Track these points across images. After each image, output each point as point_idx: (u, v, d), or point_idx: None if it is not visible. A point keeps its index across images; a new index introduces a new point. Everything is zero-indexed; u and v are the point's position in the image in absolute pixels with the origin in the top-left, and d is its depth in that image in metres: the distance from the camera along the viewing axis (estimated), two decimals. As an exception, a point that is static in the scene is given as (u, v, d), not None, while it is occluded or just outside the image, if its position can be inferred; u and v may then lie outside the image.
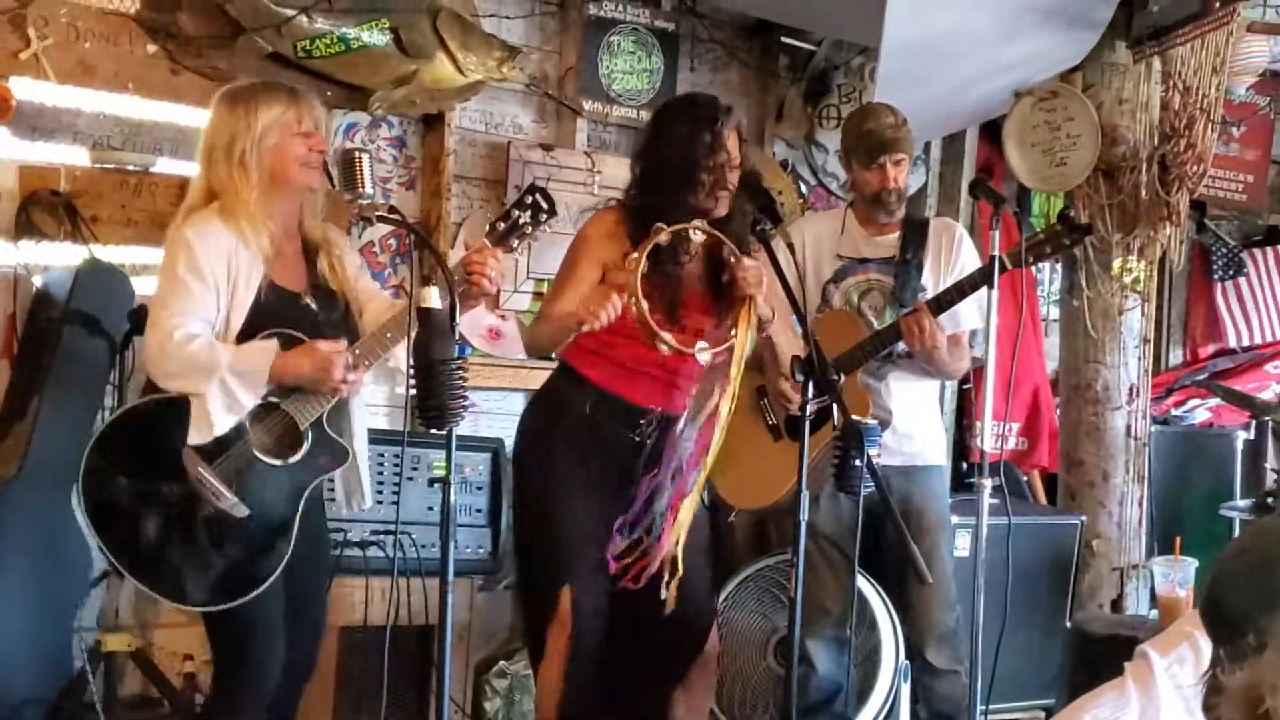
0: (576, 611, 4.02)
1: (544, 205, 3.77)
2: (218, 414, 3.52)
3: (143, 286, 4.66)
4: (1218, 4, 5.40)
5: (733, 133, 4.11)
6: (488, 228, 3.82)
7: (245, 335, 3.63)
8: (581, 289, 4.06)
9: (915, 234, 4.78)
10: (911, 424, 4.75)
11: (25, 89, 4.69)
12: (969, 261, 4.79)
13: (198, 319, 3.58)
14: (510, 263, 5.70)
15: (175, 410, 3.56)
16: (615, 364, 4.12)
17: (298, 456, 3.68)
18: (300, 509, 3.68)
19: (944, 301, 4.47)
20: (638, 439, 4.11)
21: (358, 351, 3.66)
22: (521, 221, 3.75)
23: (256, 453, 3.63)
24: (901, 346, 4.55)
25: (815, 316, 4.65)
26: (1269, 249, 8.59)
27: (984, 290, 4.28)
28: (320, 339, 3.67)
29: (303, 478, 3.70)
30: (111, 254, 4.80)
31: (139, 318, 4.33)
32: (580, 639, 4.04)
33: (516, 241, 3.79)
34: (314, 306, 3.79)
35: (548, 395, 4.32)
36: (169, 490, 3.59)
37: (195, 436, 3.53)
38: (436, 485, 3.36)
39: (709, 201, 4.06)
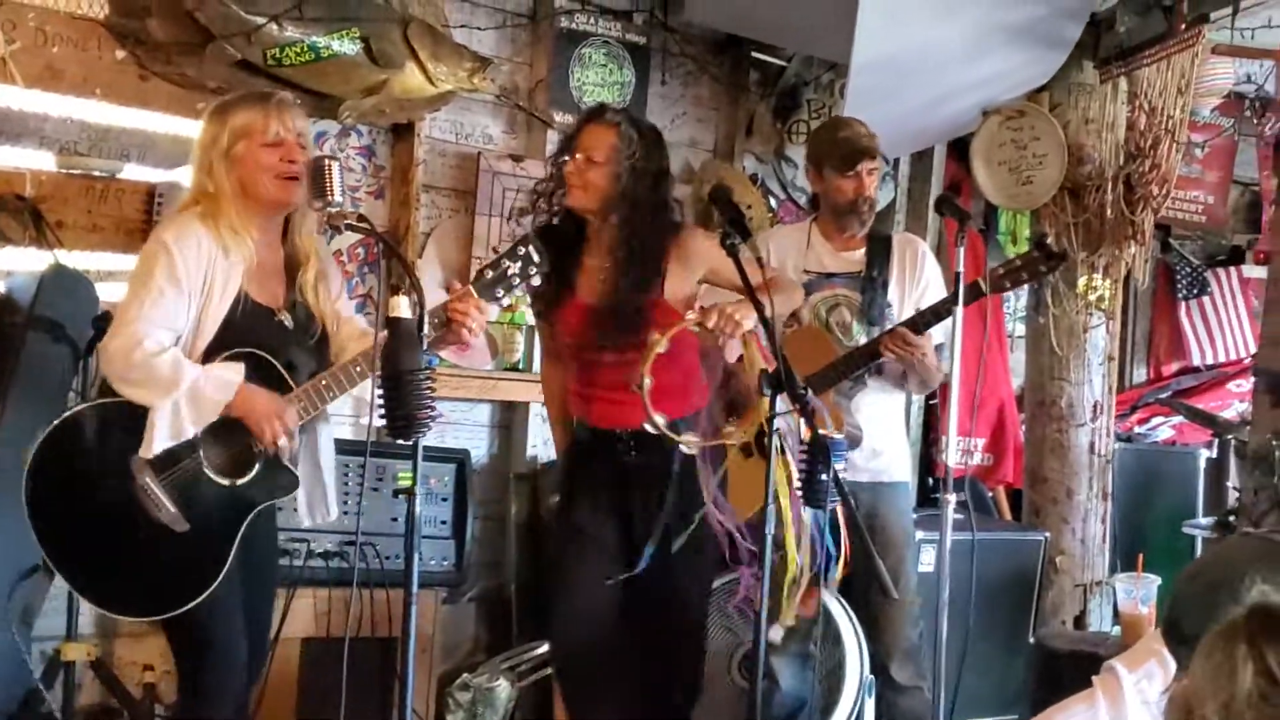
0: (564, 628, 4.15)
1: (535, 259, 3.70)
2: (160, 434, 3.50)
3: (108, 293, 4.63)
4: (1184, 25, 5.44)
5: (597, 127, 4.17)
6: (474, 274, 3.76)
7: (214, 345, 3.60)
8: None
9: (880, 250, 4.78)
10: (879, 440, 4.75)
11: (-8, 93, 4.68)
12: (933, 277, 4.81)
13: (167, 328, 3.55)
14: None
15: (127, 415, 3.52)
16: (578, 395, 4.30)
17: (246, 479, 3.63)
18: (242, 530, 3.63)
19: (920, 324, 4.47)
20: (625, 459, 4.19)
21: (299, 397, 3.64)
22: (510, 273, 3.68)
23: (206, 470, 3.59)
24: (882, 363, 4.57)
25: (784, 332, 4.65)
26: (1232, 269, 8.66)
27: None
28: (289, 360, 3.67)
29: (249, 500, 3.65)
30: (76, 260, 4.77)
31: (104, 324, 4.29)
32: (568, 657, 4.11)
33: (502, 293, 3.71)
34: (288, 325, 3.76)
35: None
36: (113, 495, 3.54)
37: (143, 450, 3.50)
38: (401, 496, 3.34)
39: (567, 194, 4.20)
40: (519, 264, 3.69)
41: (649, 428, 3.77)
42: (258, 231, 3.71)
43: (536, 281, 3.73)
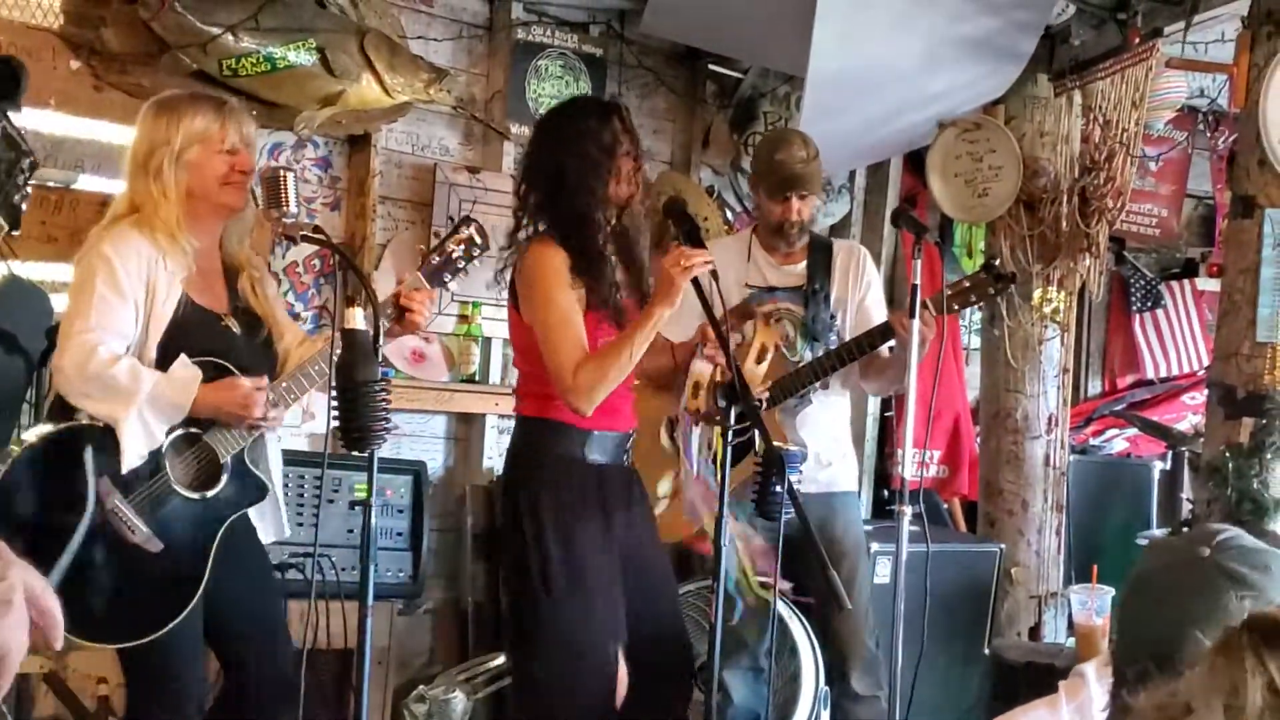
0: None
1: (477, 240, 3.68)
2: (133, 445, 3.45)
3: (62, 304, 4.60)
4: (1138, 39, 5.48)
5: (630, 125, 4.00)
6: (420, 260, 3.72)
7: (163, 352, 3.54)
8: (578, 320, 3.80)
9: (821, 261, 4.78)
10: (826, 451, 4.76)
11: (-56, 103, 4.63)
12: (875, 283, 4.85)
13: (117, 335, 3.50)
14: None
15: (92, 438, 3.48)
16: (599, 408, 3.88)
17: (215, 490, 3.60)
18: (217, 542, 3.59)
19: (865, 345, 4.50)
20: (626, 463, 4.03)
21: (283, 386, 3.60)
22: (455, 257, 3.67)
23: (174, 486, 3.55)
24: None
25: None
26: (1186, 281, 8.72)
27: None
28: (242, 364, 3.61)
29: (220, 511, 3.61)
30: (30, 270, 4.73)
31: (58, 335, 4.27)
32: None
33: (449, 277, 3.69)
34: (236, 330, 3.71)
35: (535, 456, 3.96)
36: (83, 521, 3.48)
37: (123, 464, 3.44)
38: (357, 508, 3.33)
39: (626, 189, 3.92)
40: (463, 247, 3.66)
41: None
42: (197, 237, 3.64)
43: (478, 263, 3.70)
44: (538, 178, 3.97)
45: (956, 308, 4.53)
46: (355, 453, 3.24)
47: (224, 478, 3.61)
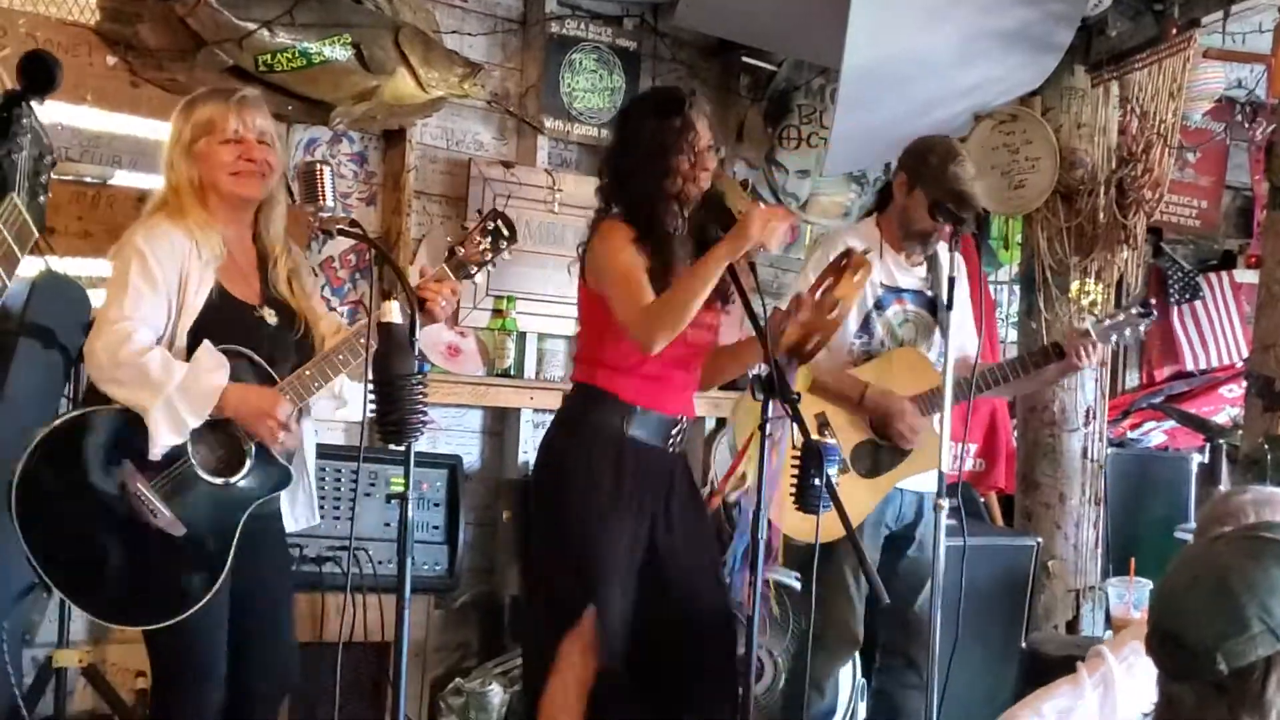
0: (603, 629, 3.92)
1: (504, 232, 3.71)
2: (162, 434, 3.46)
3: (100, 299, 4.62)
4: (1175, 30, 5.45)
5: (701, 116, 3.98)
6: (446, 253, 3.75)
7: (193, 340, 3.56)
8: (642, 274, 3.89)
9: (934, 265, 4.76)
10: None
11: (-18, 99, 4.65)
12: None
13: (149, 326, 3.53)
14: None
15: (116, 422, 3.50)
16: (644, 377, 3.99)
17: (239, 476, 3.60)
18: (240, 528, 3.59)
19: (1031, 364, 4.69)
20: (672, 450, 4.07)
21: (307, 374, 3.59)
22: (482, 249, 3.69)
23: (198, 470, 3.56)
24: None
25: (881, 351, 4.70)
26: (1224, 273, 8.66)
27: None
28: (271, 356, 3.63)
29: (244, 497, 3.61)
30: (68, 266, 4.75)
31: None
32: (605, 657, 3.95)
33: (474, 269, 3.73)
34: (270, 321, 3.72)
35: (574, 419, 4.11)
36: (105, 504, 3.51)
37: (150, 452, 3.47)
38: (394, 501, 3.34)
39: (689, 187, 3.97)
40: (489, 239, 3.68)
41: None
42: (225, 227, 3.69)
43: (507, 256, 3.74)
44: (606, 168, 4.17)
45: (1114, 338, 4.74)
46: (392, 446, 3.25)
47: (248, 464, 3.61)
